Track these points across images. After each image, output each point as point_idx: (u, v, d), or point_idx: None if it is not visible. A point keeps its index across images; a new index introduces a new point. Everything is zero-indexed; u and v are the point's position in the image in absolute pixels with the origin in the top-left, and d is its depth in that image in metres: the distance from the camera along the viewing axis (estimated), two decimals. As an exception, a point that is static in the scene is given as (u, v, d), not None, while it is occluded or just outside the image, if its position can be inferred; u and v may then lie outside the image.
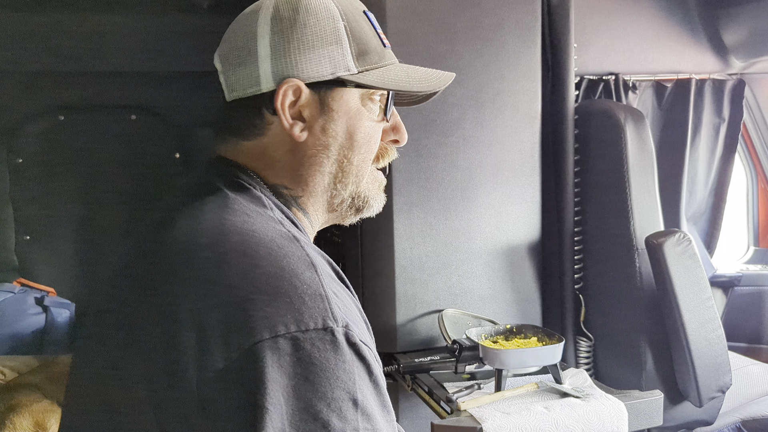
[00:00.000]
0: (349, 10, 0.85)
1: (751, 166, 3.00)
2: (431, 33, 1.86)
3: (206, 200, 0.77)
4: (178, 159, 2.49)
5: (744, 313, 2.73)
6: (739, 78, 2.68)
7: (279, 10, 0.83)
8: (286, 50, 0.81)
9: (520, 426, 1.48)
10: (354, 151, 0.86)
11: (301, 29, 0.81)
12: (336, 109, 0.84)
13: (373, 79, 0.84)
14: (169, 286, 0.69)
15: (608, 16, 2.38)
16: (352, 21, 0.84)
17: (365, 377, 0.66)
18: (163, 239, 0.75)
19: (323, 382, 0.63)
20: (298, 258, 0.69)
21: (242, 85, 0.82)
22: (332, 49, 0.82)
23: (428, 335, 1.91)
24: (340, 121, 0.84)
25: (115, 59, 2.31)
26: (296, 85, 0.81)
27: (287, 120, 0.81)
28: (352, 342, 0.65)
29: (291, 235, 0.74)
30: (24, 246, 2.40)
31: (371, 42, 0.85)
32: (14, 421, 1.65)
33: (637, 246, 1.98)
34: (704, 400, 1.93)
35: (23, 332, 2.16)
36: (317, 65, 0.81)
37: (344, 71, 0.83)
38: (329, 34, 0.82)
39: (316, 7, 0.83)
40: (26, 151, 2.37)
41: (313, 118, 0.83)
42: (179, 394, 0.64)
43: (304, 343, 0.63)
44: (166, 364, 0.65)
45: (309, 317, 0.64)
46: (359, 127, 0.85)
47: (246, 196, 0.79)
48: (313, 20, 0.82)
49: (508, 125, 1.97)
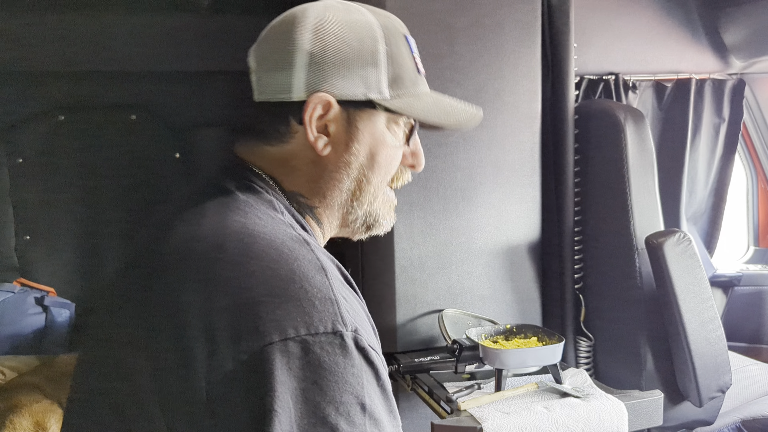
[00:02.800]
0: (392, 33, 0.85)
1: (751, 166, 3.00)
2: (431, 33, 1.86)
3: (217, 202, 0.77)
4: (178, 159, 2.49)
5: (744, 313, 2.73)
6: (739, 78, 2.68)
7: (324, 21, 0.82)
8: (323, 64, 0.80)
9: (520, 426, 1.48)
10: (374, 172, 0.86)
11: (342, 46, 0.81)
12: (362, 129, 0.83)
13: (403, 106, 0.84)
14: (179, 287, 0.69)
15: (608, 16, 2.38)
16: (392, 45, 0.84)
17: (373, 382, 0.67)
18: (173, 239, 0.75)
19: (332, 386, 0.63)
20: (309, 262, 0.69)
21: (273, 89, 0.82)
22: (369, 71, 0.82)
23: (428, 335, 1.91)
24: (364, 142, 0.84)
25: (115, 59, 2.31)
26: (327, 100, 0.80)
27: (312, 132, 0.81)
28: (361, 346, 0.66)
29: (302, 238, 0.73)
30: (24, 246, 2.40)
31: (407, 68, 0.85)
32: (14, 421, 1.65)
33: (637, 246, 1.98)
34: (704, 400, 1.93)
35: (23, 332, 2.16)
36: (351, 84, 0.81)
37: (377, 94, 0.82)
38: (369, 55, 0.82)
39: (361, 26, 0.82)
40: (26, 151, 2.37)
41: (339, 134, 0.83)
42: (188, 394, 0.64)
43: (314, 347, 0.63)
44: (175, 364, 0.65)
45: (319, 321, 0.64)
46: (382, 149, 0.85)
47: (257, 199, 0.79)
48: (356, 39, 0.81)
49: (508, 125, 1.97)
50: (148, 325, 0.69)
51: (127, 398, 0.69)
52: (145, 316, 0.70)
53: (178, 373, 0.65)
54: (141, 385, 0.67)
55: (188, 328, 0.65)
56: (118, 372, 0.71)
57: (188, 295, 0.67)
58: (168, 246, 0.75)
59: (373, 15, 0.84)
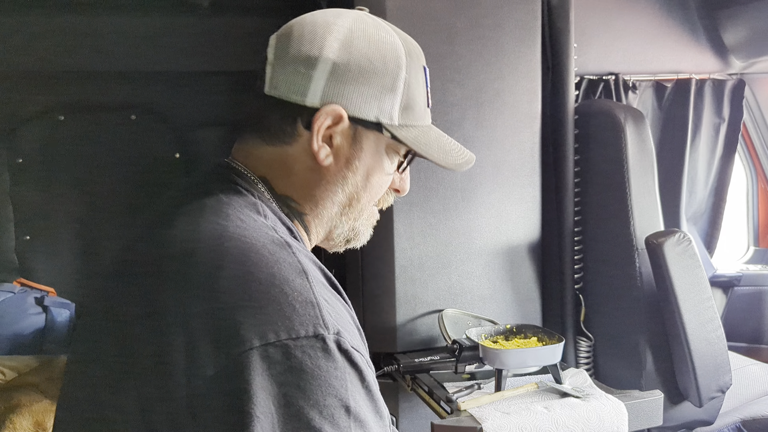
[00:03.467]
0: (413, 61, 0.85)
1: (751, 166, 3.00)
2: (431, 33, 1.86)
3: (201, 204, 0.77)
4: (178, 159, 2.49)
5: (744, 313, 2.73)
6: (739, 78, 2.68)
7: (354, 36, 0.82)
8: (345, 77, 0.80)
9: (520, 426, 1.48)
10: (365, 191, 0.87)
11: (366, 65, 0.81)
12: (365, 149, 0.84)
13: (409, 137, 0.85)
14: (161, 290, 0.69)
15: (608, 16, 2.38)
16: (412, 74, 0.85)
17: (357, 384, 0.66)
18: (155, 242, 0.75)
19: (315, 390, 0.63)
20: (290, 265, 0.69)
21: (288, 89, 0.81)
22: (385, 95, 0.82)
23: (428, 335, 1.91)
24: (363, 161, 0.85)
25: (115, 59, 2.31)
26: (339, 114, 0.80)
27: (318, 141, 0.81)
28: (343, 349, 0.65)
29: (283, 240, 0.73)
30: (24, 246, 2.39)
31: (419, 100, 0.86)
32: (14, 421, 1.65)
33: (637, 246, 1.98)
34: (704, 400, 1.93)
35: (23, 332, 2.16)
36: (366, 104, 0.82)
37: (387, 119, 0.83)
38: (389, 80, 0.82)
39: (387, 47, 0.83)
40: (26, 151, 2.37)
41: (342, 148, 0.83)
42: (169, 398, 0.64)
43: (295, 351, 0.63)
44: (157, 368, 0.65)
45: (299, 324, 0.64)
46: (377, 171, 0.87)
47: (241, 202, 0.78)
48: (381, 60, 0.82)
49: (508, 125, 1.97)
50: (130, 329, 0.69)
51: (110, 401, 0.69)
52: (128, 320, 0.70)
53: (159, 377, 0.65)
54: (124, 388, 0.67)
55: (169, 332, 0.65)
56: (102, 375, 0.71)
57: (167, 300, 0.67)
58: (151, 249, 0.75)
59: (399, 38, 0.85)
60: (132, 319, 0.70)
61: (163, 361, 0.65)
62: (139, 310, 0.70)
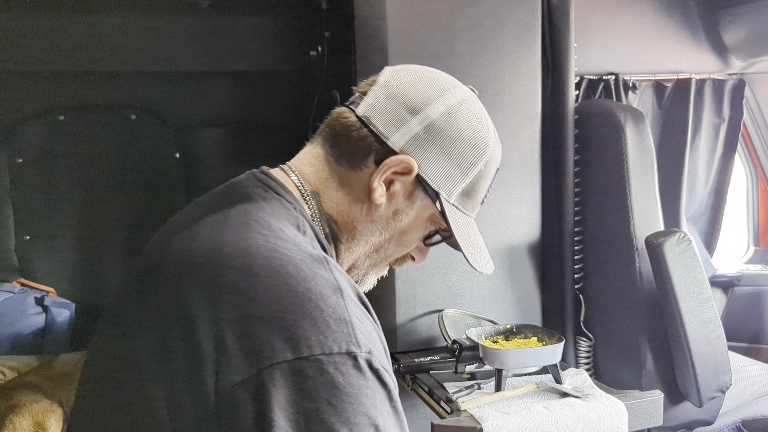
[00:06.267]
0: (492, 161, 0.91)
1: (751, 166, 3.00)
2: (431, 33, 1.85)
3: (243, 210, 0.78)
4: (178, 159, 2.50)
5: (744, 313, 2.74)
6: (739, 78, 2.68)
7: (460, 111, 0.87)
8: (432, 140, 0.85)
9: (520, 426, 1.48)
10: (394, 245, 0.91)
11: (457, 140, 0.86)
12: (415, 208, 0.88)
13: (455, 220, 0.89)
14: (196, 292, 0.68)
15: (608, 16, 2.38)
16: (486, 170, 0.90)
17: (386, 403, 0.66)
18: (193, 242, 0.75)
19: (346, 407, 0.62)
20: (326, 281, 0.69)
21: (379, 121, 0.85)
22: (456, 173, 0.87)
23: (428, 335, 1.91)
24: (408, 218, 0.89)
25: (115, 59, 2.31)
26: (411, 167, 0.84)
27: (379, 179, 0.84)
28: (374, 368, 0.66)
29: (321, 256, 0.74)
30: (24, 246, 2.40)
31: (480, 193, 0.92)
32: (14, 421, 1.65)
33: (637, 246, 1.98)
34: (704, 400, 1.93)
35: (23, 332, 2.16)
36: (437, 172, 0.86)
37: (446, 194, 0.87)
38: (467, 164, 0.87)
39: (480, 136, 0.88)
40: (26, 151, 2.37)
41: (397, 196, 0.87)
42: (197, 399, 0.64)
43: (328, 367, 0.63)
44: (187, 369, 0.65)
45: (333, 341, 0.64)
46: (412, 232, 0.91)
47: (284, 214, 0.79)
48: (469, 145, 0.87)
49: (508, 125, 1.96)
50: (162, 329, 0.69)
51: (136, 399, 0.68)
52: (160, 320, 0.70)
53: (189, 378, 0.64)
54: (151, 386, 0.67)
55: (201, 334, 0.65)
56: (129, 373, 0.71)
57: (202, 304, 0.67)
58: (188, 249, 0.74)
59: (492, 134, 0.91)
60: (164, 319, 0.69)
61: (193, 362, 0.64)
62: (172, 310, 0.69)
